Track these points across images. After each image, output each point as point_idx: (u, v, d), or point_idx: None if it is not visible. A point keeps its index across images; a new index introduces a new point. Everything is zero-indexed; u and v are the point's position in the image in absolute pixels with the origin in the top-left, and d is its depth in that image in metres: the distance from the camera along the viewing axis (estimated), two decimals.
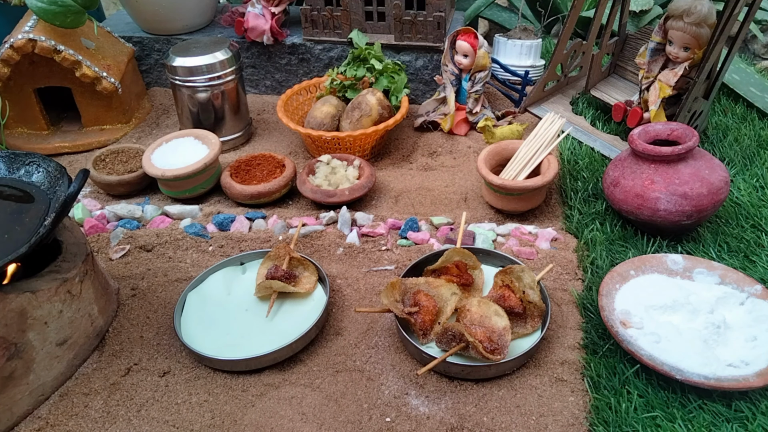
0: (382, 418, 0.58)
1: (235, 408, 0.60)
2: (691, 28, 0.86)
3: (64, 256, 0.64)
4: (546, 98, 1.14)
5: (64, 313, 0.61)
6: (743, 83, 1.15)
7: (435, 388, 0.61)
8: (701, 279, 0.69)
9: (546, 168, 0.85)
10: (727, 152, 0.97)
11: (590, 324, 0.67)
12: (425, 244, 0.81)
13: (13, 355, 0.56)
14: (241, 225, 0.86)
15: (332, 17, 1.10)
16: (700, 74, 0.88)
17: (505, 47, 1.24)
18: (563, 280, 0.74)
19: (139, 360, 0.66)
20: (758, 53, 2.36)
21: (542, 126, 0.90)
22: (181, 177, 0.88)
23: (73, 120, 1.12)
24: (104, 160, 0.96)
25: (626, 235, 0.80)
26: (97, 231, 0.86)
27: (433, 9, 1.05)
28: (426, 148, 1.05)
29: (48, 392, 0.61)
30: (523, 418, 0.57)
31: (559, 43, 1.05)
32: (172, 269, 0.78)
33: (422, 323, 0.64)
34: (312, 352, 0.66)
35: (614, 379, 0.60)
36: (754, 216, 0.82)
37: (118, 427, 0.58)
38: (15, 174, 0.67)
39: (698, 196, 0.73)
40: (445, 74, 1.06)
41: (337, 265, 0.78)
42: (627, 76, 1.14)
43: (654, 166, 0.76)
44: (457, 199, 0.91)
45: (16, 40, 0.96)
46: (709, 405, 0.57)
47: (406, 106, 1.01)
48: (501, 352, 0.60)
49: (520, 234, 0.82)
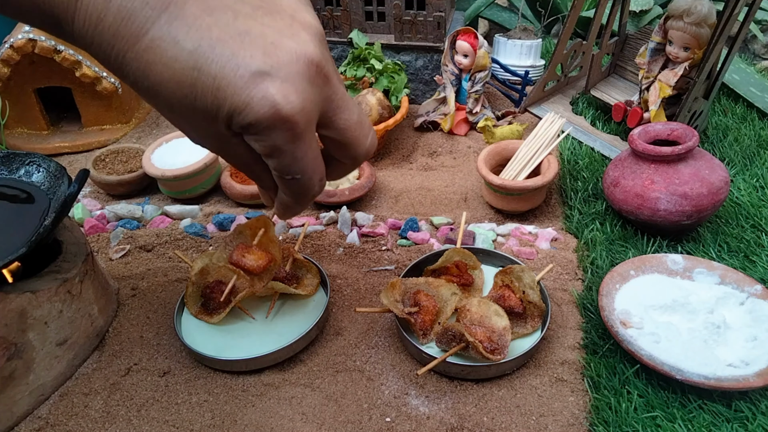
0: (382, 418, 0.58)
1: (235, 408, 0.60)
2: (691, 28, 0.86)
3: (64, 256, 0.64)
4: (546, 98, 1.14)
5: (64, 313, 0.61)
6: (743, 83, 1.15)
7: (435, 388, 0.61)
8: (701, 279, 0.69)
9: (546, 168, 0.85)
10: (727, 152, 0.97)
11: (590, 324, 0.67)
12: (425, 244, 0.81)
13: (13, 355, 0.56)
14: None
15: (332, 17, 1.10)
16: (700, 74, 0.88)
17: (505, 47, 1.24)
18: (563, 280, 0.74)
19: (139, 360, 0.66)
20: (758, 53, 2.36)
21: (542, 126, 0.90)
22: (181, 177, 0.88)
23: (73, 120, 1.12)
24: (104, 160, 0.96)
25: (626, 235, 0.80)
26: (97, 231, 0.86)
27: (433, 9, 1.05)
28: (426, 148, 1.05)
29: (48, 392, 0.61)
30: (523, 418, 0.57)
31: (559, 43, 1.05)
32: (172, 269, 0.78)
33: (422, 323, 0.64)
34: (312, 352, 0.66)
35: (614, 379, 0.60)
36: (754, 216, 0.82)
37: (118, 427, 0.58)
38: (15, 174, 0.67)
39: (698, 196, 0.73)
40: (445, 74, 1.06)
41: (337, 265, 0.78)
42: (627, 76, 1.14)
43: (654, 166, 0.76)
44: (457, 199, 0.91)
45: (16, 40, 0.96)
46: (709, 405, 0.57)
47: (406, 106, 1.01)
48: (501, 352, 0.60)
49: (520, 234, 0.82)
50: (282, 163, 0.37)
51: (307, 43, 0.35)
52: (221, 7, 0.34)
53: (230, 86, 0.33)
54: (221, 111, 0.34)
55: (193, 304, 0.69)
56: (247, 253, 0.65)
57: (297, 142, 0.36)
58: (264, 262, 0.62)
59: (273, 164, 0.38)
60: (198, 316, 0.68)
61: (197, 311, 0.69)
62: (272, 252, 0.65)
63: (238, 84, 0.33)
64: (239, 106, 0.34)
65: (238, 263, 0.64)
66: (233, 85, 0.33)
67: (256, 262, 0.62)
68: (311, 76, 0.35)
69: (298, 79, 0.34)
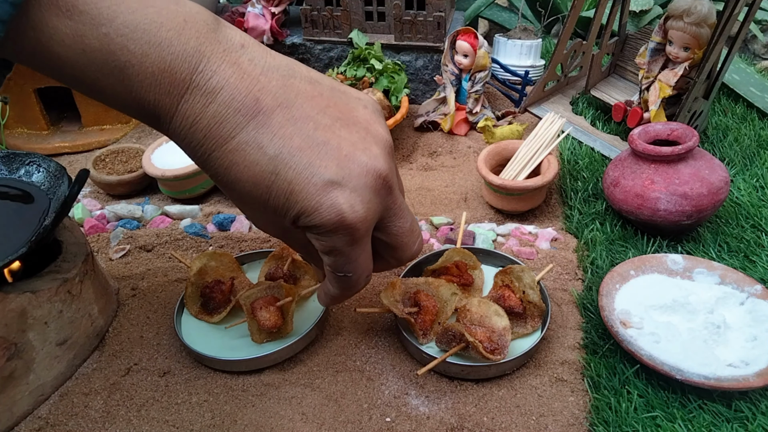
0: (382, 418, 0.58)
1: (235, 408, 0.60)
2: (691, 28, 0.86)
3: (64, 256, 0.64)
4: (546, 98, 1.14)
5: (64, 313, 0.61)
6: (743, 83, 1.15)
7: (435, 388, 0.61)
8: (701, 279, 0.69)
9: (546, 168, 0.85)
10: (727, 152, 0.97)
11: (590, 324, 0.67)
12: (425, 244, 0.81)
13: (13, 355, 0.56)
14: (241, 225, 0.86)
15: (332, 17, 1.10)
16: (700, 74, 0.88)
17: (505, 47, 1.24)
18: (563, 280, 0.74)
19: (139, 360, 0.66)
20: (758, 53, 2.36)
21: (542, 126, 0.90)
22: (181, 177, 0.88)
23: (73, 120, 1.12)
24: (104, 160, 0.96)
25: (626, 235, 0.80)
26: (97, 231, 0.86)
27: (433, 9, 1.05)
28: (426, 148, 1.05)
29: (48, 392, 0.61)
30: (523, 418, 0.57)
31: (559, 43, 1.05)
32: (172, 269, 0.78)
33: (422, 323, 0.64)
34: (312, 352, 0.66)
35: (614, 379, 0.60)
36: (754, 216, 0.82)
37: (118, 427, 0.58)
38: (15, 174, 0.67)
39: (698, 196, 0.73)
40: (445, 74, 1.06)
41: None
42: (627, 76, 1.14)
43: (654, 166, 0.76)
44: (457, 199, 0.91)
45: None
46: (709, 405, 0.57)
47: (406, 106, 1.01)
48: (501, 352, 0.60)
49: (520, 234, 0.82)
50: (337, 262, 0.41)
51: (377, 158, 0.39)
52: (304, 118, 0.38)
53: (303, 192, 0.37)
54: (290, 211, 0.38)
55: (192, 305, 0.69)
56: (265, 306, 0.64)
57: (354, 246, 0.40)
58: (271, 323, 0.63)
59: (328, 261, 0.42)
60: (198, 316, 0.68)
61: (197, 311, 0.69)
62: (284, 318, 0.65)
63: (311, 191, 0.37)
64: (308, 209, 0.37)
65: (253, 310, 0.64)
66: (305, 191, 0.37)
67: (267, 321, 0.63)
68: (377, 188, 0.39)
69: (365, 191, 0.38)
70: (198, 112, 0.36)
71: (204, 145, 0.37)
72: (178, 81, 0.36)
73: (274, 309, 0.64)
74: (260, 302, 0.64)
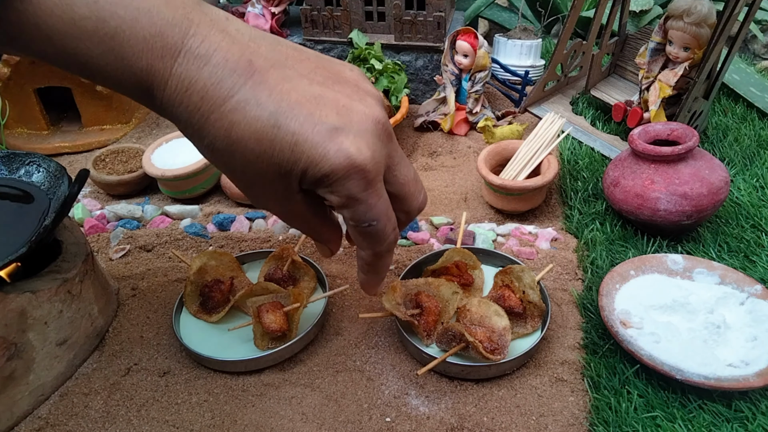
0: (382, 418, 0.58)
1: (235, 408, 0.60)
2: (691, 28, 0.86)
3: (64, 256, 0.64)
4: (546, 98, 1.14)
5: (64, 313, 0.61)
6: (743, 83, 1.15)
7: (435, 388, 0.61)
8: (701, 279, 0.69)
9: (546, 168, 0.85)
10: (727, 152, 0.97)
11: (590, 324, 0.67)
12: (425, 244, 0.81)
13: (13, 355, 0.56)
14: (241, 225, 0.86)
15: (332, 17, 1.10)
16: (700, 74, 0.88)
17: (505, 47, 1.24)
18: (563, 280, 0.74)
19: (139, 360, 0.66)
20: (758, 53, 2.36)
21: (542, 126, 0.90)
22: (181, 177, 0.88)
23: (73, 120, 1.12)
24: (104, 160, 0.96)
25: (626, 235, 0.80)
26: (97, 231, 0.86)
27: (433, 9, 1.05)
28: (426, 148, 1.05)
29: (48, 392, 0.61)
30: (523, 418, 0.57)
31: (559, 43, 1.05)
32: (172, 269, 0.78)
33: (426, 324, 0.64)
34: (312, 352, 0.66)
35: (614, 379, 0.60)
36: (754, 216, 0.82)
37: (118, 427, 0.58)
38: (15, 174, 0.67)
39: (698, 196, 0.73)
40: (445, 74, 1.06)
41: (337, 265, 0.78)
42: (627, 76, 1.14)
43: (654, 166, 0.76)
44: (457, 199, 0.91)
45: None
46: (709, 405, 0.57)
47: (406, 106, 1.01)
48: (501, 352, 0.60)
49: (520, 234, 0.82)
50: (357, 211, 0.41)
51: (373, 107, 0.40)
52: (297, 76, 0.39)
53: (308, 141, 0.37)
54: (297, 165, 0.38)
55: (191, 303, 0.69)
56: (272, 310, 0.64)
57: (369, 190, 0.40)
58: (277, 326, 0.63)
59: (349, 214, 0.41)
60: (197, 315, 0.68)
61: (196, 310, 0.69)
62: (289, 323, 0.65)
63: (316, 139, 0.37)
64: (316, 158, 0.37)
65: (259, 313, 0.64)
66: (311, 141, 0.37)
67: (273, 323, 0.63)
68: (378, 133, 0.40)
69: (368, 135, 0.39)
70: (194, 74, 0.36)
71: (201, 108, 0.37)
72: (170, 45, 0.36)
73: (280, 313, 0.64)
74: (267, 306, 0.64)
